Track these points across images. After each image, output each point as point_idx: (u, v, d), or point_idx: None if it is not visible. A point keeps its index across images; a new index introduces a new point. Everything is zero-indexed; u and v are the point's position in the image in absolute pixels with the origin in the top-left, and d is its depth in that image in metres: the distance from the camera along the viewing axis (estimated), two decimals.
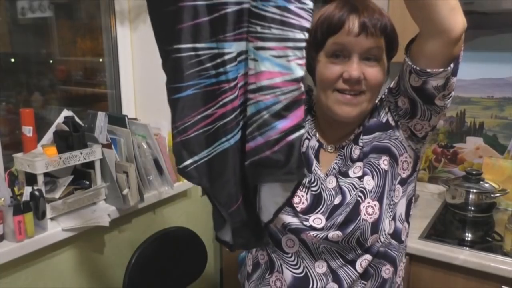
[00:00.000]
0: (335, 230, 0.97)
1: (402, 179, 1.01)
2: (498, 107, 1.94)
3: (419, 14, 0.80)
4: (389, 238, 1.02)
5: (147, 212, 1.79)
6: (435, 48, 0.82)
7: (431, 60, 0.84)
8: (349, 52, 0.91)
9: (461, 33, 0.80)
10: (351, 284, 1.01)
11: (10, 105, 1.58)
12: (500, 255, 1.52)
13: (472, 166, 2.01)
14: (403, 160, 1.00)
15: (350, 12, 0.90)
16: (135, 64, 1.88)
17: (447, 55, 0.83)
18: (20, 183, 1.38)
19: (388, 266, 1.04)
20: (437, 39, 0.81)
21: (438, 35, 0.80)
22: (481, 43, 1.92)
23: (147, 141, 1.66)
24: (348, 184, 0.99)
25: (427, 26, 0.81)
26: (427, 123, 0.97)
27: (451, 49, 0.82)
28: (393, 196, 1.00)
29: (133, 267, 1.57)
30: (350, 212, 0.96)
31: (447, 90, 0.89)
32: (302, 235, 0.99)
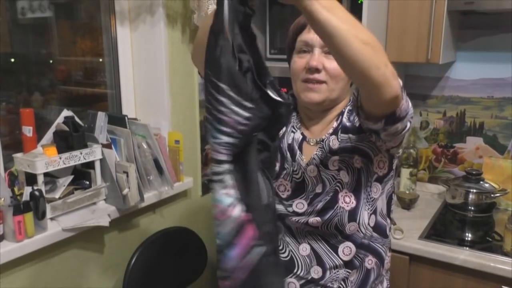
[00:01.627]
0: (314, 216, 1.07)
1: (379, 177, 1.09)
2: (498, 107, 1.94)
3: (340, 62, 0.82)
4: (371, 230, 1.10)
5: (147, 212, 1.79)
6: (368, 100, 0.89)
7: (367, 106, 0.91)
8: (311, 47, 1.04)
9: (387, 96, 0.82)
10: (333, 269, 1.09)
11: (10, 105, 1.58)
12: (500, 255, 1.52)
13: (472, 166, 2.01)
14: (378, 160, 1.08)
15: None
16: (135, 64, 1.88)
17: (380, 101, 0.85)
18: (20, 183, 1.38)
19: (371, 257, 1.12)
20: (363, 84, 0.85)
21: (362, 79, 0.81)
22: (481, 43, 1.92)
23: (147, 141, 1.66)
24: (328, 175, 1.08)
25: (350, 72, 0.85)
26: (383, 144, 1.04)
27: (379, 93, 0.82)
28: (370, 191, 1.08)
29: (133, 267, 1.57)
30: (329, 200, 1.06)
31: (391, 133, 0.95)
32: (286, 221, 1.10)
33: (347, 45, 0.74)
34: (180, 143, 1.80)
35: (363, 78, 0.79)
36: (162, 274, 1.69)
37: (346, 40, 0.74)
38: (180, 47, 1.87)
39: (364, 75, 0.78)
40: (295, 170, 1.11)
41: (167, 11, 1.78)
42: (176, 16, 1.83)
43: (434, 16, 1.66)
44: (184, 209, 1.98)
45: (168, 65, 1.80)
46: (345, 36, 0.73)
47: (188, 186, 1.92)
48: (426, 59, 1.70)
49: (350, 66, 0.78)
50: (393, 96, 0.83)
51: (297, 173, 1.11)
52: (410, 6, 1.70)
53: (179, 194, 1.91)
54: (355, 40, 0.74)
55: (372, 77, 0.78)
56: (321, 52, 1.03)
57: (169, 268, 1.71)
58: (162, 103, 1.84)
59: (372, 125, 0.94)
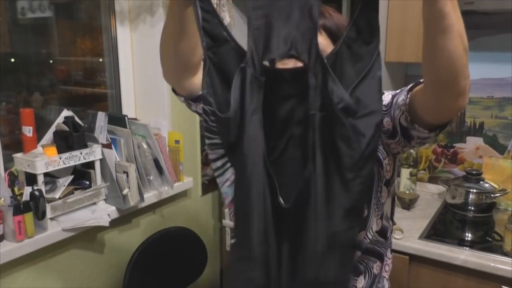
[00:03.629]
0: None
1: (387, 181, 1.06)
2: (498, 107, 1.94)
3: (436, 61, 0.77)
4: (377, 236, 1.07)
5: (147, 212, 1.79)
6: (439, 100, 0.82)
7: (426, 112, 0.86)
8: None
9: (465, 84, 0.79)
10: None
11: (10, 105, 1.58)
12: (500, 255, 1.52)
13: (472, 166, 2.01)
14: (386, 163, 1.04)
15: None
16: (135, 64, 1.88)
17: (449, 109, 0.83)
18: (20, 183, 1.38)
19: (378, 263, 1.10)
20: (445, 89, 0.80)
21: (447, 84, 0.78)
22: (481, 43, 1.92)
23: (147, 141, 1.66)
24: None
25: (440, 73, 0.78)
26: (401, 148, 1.01)
27: (456, 101, 0.81)
28: (379, 196, 1.05)
29: (133, 267, 1.57)
30: None
31: (425, 141, 0.94)
32: None
33: (453, 44, 0.73)
34: (180, 143, 1.80)
35: (452, 83, 0.77)
36: (162, 274, 1.69)
37: (454, 40, 0.73)
38: None
39: (454, 80, 0.77)
40: None
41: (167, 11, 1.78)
42: None
43: None
44: (184, 209, 1.98)
45: None
46: (455, 36, 0.73)
47: (188, 186, 1.92)
48: None
49: (446, 67, 0.76)
50: (463, 108, 0.83)
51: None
52: (410, 6, 1.70)
53: (179, 194, 1.91)
54: (460, 43, 0.74)
55: (459, 84, 0.77)
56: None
57: (169, 268, 1.71)
58: (162, 103, 1.84)
59: (422, 133, 0.89)
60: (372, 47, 0.75)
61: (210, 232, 2.12)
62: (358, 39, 0.76)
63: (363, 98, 0.74)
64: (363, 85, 0.75)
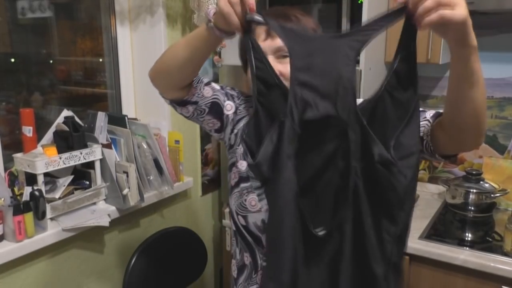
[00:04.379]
0: None
1: None
2: (498, 107, 1.94)
3: (465, 109, 0.86)
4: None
5: (147, 212, 1.79)
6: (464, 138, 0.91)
7: (445, 147, 0.95)
8: (264, 54, 1.02)
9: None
10: None
11: (10, 105, 1.58)
12: (500, 255, 1.51)
13: (472, 166, 2.01)
14: None
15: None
16: (135, 64, 1.88)
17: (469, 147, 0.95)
18: (20, 183, 1.38)
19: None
20: (469, 132, 0.89)
21: (472, 127, 0.88)
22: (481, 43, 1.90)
23: (147, 141, 1.66)
24: None
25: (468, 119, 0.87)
26: None
27: (477, 140, 0.92)
28: None
29: (133, 267, 1.57)
30: None
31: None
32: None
33: (480, 94, 0.83)
34: (180, 143, 1.80)
35: (476, 126, 0.87)
36: (162, 274, 1.69)
37: (481, 90, 0.83)
38: None
39: (479, 124, 0.87)
40: None
41: (167, 11, 1.78)
42: (176, 16, 1.83)
43: None
44: (184, 209, 1.98)
45: None
46: (481, 87, 0.83)
47: (188, 186, 1.92)
48: (426, 59, 1.70)
49: (473, 114, 0.85)
50: (478, 145, 0.95)
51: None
52: None
53: (179, 194, 1.91)
54: (484, 92, 0.84)
55: (482, 127, 0.88)
56: (274, 59, 1.02)
57: (169, 268, 1.71)
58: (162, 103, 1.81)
59: (436, 159, 1.00)
60: (410, 93, 0.83)
61: (210, 232, 2.12)
62: (398, 86, 0.83)
63: (405, 142, 0.82)
64: (406, 130, 0.83)
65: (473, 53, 0.80)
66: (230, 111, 1.13)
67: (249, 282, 1.15)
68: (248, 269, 1.15)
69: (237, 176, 1.12)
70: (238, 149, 1.12)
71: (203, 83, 1.12)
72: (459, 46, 0.80)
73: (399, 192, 0.83)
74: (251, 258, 1.13)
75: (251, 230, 1.10)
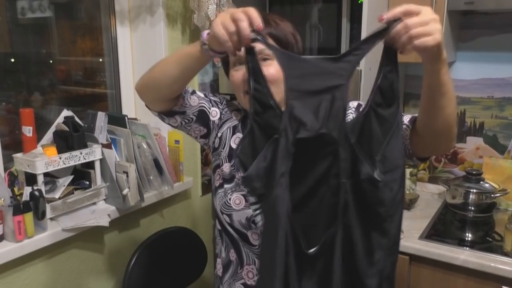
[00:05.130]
0: None
1: None
2: (498, 107, 1.94)
3: (438, 117, 0.93)
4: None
5: (147, 212, 1.79)
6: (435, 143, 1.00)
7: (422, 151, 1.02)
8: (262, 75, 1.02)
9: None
10: None
11: (10, 105, 1.58)
12: (500, 255, 1.52)
13: (472, 166, 2.01)
14: None
15: None
16: (135, 64, 1.88)
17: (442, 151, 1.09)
18: (20, 183, 1.38)
19: None
20: (442, 137, 0.97)
21: (444, 133, 0.96)
22: (481, 43, 1.92)
23: (147, 141, 1.66)
24: None
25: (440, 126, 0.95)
26: None
27: (449, 144, 1.01)
28: None
29: (133, 267, 1.57)
30: None
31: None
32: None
33: (450, 103, 0.90)
34: (180, 143, 1.80)
35: (448, 132, 0.95)
36: (162, 274, 1.69)
37: (451, 100, 0.90)
38: (180, 47, 1.87)
39: (450, 130, 0.95)
40: None
41: (167, 11, 1.78)
42: (176, 16, 1.83)
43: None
44: (184, 209, 1.98)
45: None
46: (451, 97, 0.90)
47: (188, 186, 1.92)
48: None
49: (445, 121, 0.92)
50: (449, 150, 1.03)
51: None
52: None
53: (179, 194, 1.91)
54: (454, 101, 0.91)
55: (452, 132, 0.96)
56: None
57: (169, 268, 1.71)
58: None
59: (413, 162, 1.08)
60: (394, 108, 0.87)
61: (210, 232, 2.12)
62: (383, 103, 0.87)
63: (390, 156, 0.87)
64: (390, 144, 0.87)
65: (443, 67, 0.86)
66: (216, 117, 1.17)
67: (235, 278, 1.19)
68: (233, 265, 1.19)
69: (221, 178, 1.16)
70: (223, 152, 1.17)
71: (189, 92, 1.14)
72: (432, 62, 0.85)
73: (387, 205, 0.88)
74: (236, 254, 1.17)
75: (236, 227, 1.14)
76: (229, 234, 1.17)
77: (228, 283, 1.21)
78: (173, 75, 1.01)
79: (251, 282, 1.16)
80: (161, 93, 1.06)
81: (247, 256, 1.16)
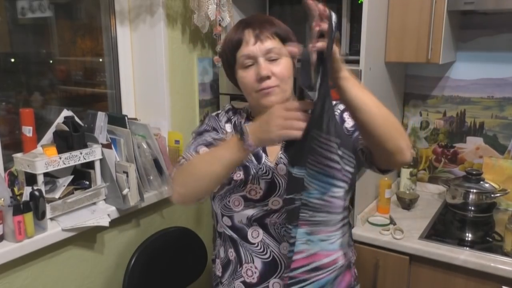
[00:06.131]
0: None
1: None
2: (498, 107, 1.94)
3: (363, 130, 0.99)
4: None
5: (147, 212, 1.79)
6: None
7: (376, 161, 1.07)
8: (254, 58, 1.09)
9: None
10: None
11: (10, 105, 1.58)
12: (500, 255, 1.52)
13: (472, 166, 2.01)
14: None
15: (244, 29, 1.11)
16: (135, 64, 1.88)
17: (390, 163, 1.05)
18: (20, 183, 1.38)
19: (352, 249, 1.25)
20: (379, 149, 1.00)
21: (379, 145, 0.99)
22: (481, 43, 1.92)
23: (147, 141, 1.66)
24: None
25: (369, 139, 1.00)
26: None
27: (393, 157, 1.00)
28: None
29: (133, 267, 1.57)
30: None
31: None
32: (265, 221, 1.13)
33: (369, 117, 0.93)
34: (180, 143, 1.80)
35: (382, 145, 0.96)
36: (162, 274, 1.69)
37: (368, 114, 0.93)
38: (180, 47, 1.87)
39: (385, 143, 0.96)
40: (264, 172, 1.13)
41: (167, 11, 1.78)
42: (176, 16, 1.83)
43: (434, 16, 1.66)
44: (184, 209, 1.98)
45: (168, 65, 1.80)
46: (368, 111, 0.93)
47: None
48: (426, 59, 1.70)
49: (372, 134, 0.96)
50: (403, 163, 1.02)
51: (267, 174, 1.13)
52: (410, 6, 1.70)
53: None
54: (377, 114, 0.94)
55: (389, 146, 0.96)
56: (265, 60, 1.08)
57: (169, 268, 1.71)
58: (162, 103, 1.84)
59: (371, 169, 1.12)
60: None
61: (210, 232, 2.12)
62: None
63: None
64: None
65: (347, 82, 0.91)
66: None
67: (234, 276, 1.20)
68: (233, 264, 1.20)
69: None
70: None
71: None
72: (334, 80, 0.91)
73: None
74: (235, 253, 1.19)
75: (237, 227, 1.16)
76: (229, 235, 1.19)
77: (228, 281, 1.22)
78: (220, 177, 1.01)
79: (250, 280, 1.17)
80: (208, 192, 1.11)
81: (245, 255, 1.17)
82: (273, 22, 1.12)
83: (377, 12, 1.68)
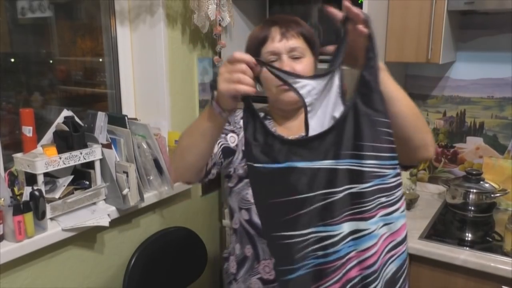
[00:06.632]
0: None
1: None
2: (498, 107, 1.94)
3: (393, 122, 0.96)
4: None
5: (147, 212, 1.79)
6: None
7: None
8: (279, 55, 1.11)
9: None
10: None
11: (10, 105, 1.58)
12: (500, 255, 1.52)
13: (472, 166, 2.01)
14: None
15: (271, 26, 1.13)
16: (135, 64, 1.88)
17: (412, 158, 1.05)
18: (20, 183, 1.38)
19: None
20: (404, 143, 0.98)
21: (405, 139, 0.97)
22: (481, 43, 1.92)
23: (147, 141, 1.66)
24: None
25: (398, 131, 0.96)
26: None
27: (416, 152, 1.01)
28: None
29: (133, 267, 1.57)
30: None
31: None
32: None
33: (400, 110, 0.93)
34: None
35: (409, 139, 0.96)
36: (162, 274, 1.69)
37: (399, 106, 0.93)
38: (180, 47, 1.87)
39: (411, 136, 0.96)
40: None
41: (167, 11, 1.78)
42: (176, 16, 1.83)
43: (434, 16, 1.66)
44: (184, 209, 1.98)
45: (168, 65, 1.80)
46: (399, 101, 0.93)
47: (188, 186, 1.92)
48: (426, 59, 1.70)
49: (401, 127, 0.94)
50: (426, 159, 1.04)
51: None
52: (410, 6, 1.70)
53: (179, 194, 1.91)
54: (405, 106, 0.94)
55: (415, 139, 0.97)
56: (288, 58, 1.10)
57: (169, 268, 1.71)
58: (162, 103, 1.84)
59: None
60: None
61: (210, 232, 2.12)
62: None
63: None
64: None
65: (383, 73, 0.90)
66: (235, 142, 1.20)
67: (251, 273, 1.20)
68: (249, 261, 1.20)
69: (237, 178, 1.19)
70: (239, 155, 1.19)
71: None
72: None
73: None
74: (252, 250, 1.19)
75: (254, 222, 1.16)
76: (246, 231, 1.20)
77: (243, 278, 1.22)
78: (201, 148, 1.02)
79: (268, 277, 1.17)
80: (198, 166, 1.09)
81: (263, 251, 1.17)
82: (299, 23, 1.15)
83: (377, 12, 1.68)
